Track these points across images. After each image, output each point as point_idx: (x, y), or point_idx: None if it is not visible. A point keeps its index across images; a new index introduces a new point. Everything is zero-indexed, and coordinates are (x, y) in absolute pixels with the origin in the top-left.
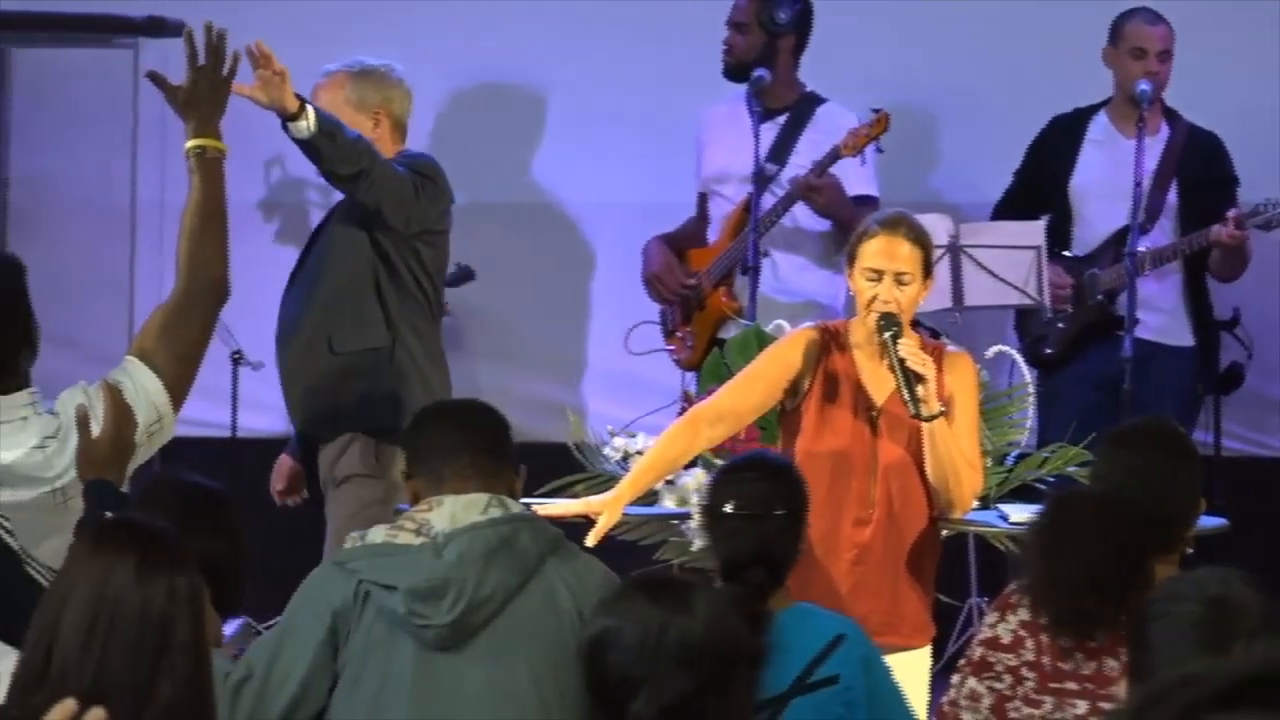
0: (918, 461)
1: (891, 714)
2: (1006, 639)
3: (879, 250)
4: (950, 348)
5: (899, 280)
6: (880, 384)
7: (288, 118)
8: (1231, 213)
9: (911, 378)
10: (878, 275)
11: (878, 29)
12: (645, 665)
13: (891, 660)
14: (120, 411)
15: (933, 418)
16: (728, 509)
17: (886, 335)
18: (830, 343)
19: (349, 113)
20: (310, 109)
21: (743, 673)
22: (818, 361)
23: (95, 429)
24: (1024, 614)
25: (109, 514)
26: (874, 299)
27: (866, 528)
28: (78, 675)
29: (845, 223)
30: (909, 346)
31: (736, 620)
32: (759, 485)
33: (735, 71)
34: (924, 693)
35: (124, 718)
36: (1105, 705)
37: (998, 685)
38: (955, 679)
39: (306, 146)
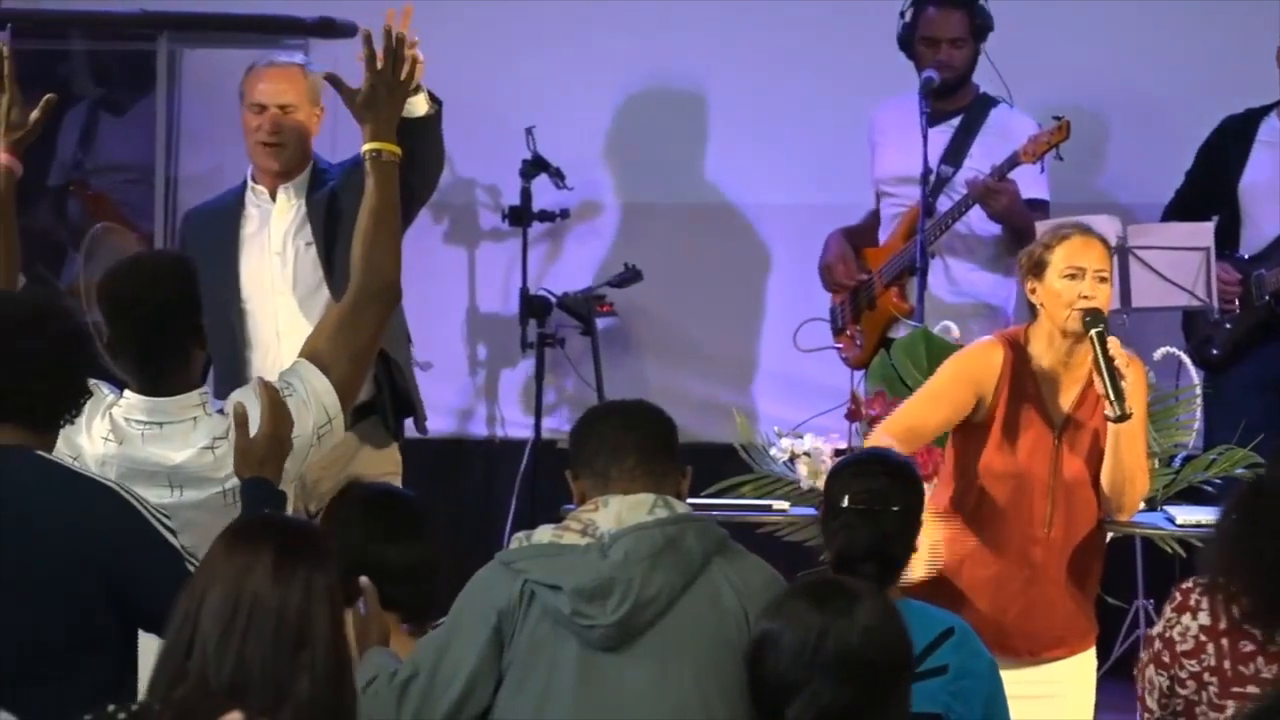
0: (1093, 473)
1: (998, 709)
2: (1187, 645)
3: (1078, 249)
4: (1128, 354)
5: (1099, 277)
6: (1065, 394)
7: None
8: None
9: (1116, 374)
10: (1078, 273)
11: (1048, 30)
12: (802, 671)
13: (1060, 666)
14: (277, 410)
15: (1128, 417)
16: (844, 503)
17: (1094, 331)
18: (1014, 356)
19: (307, 106)
20: (423, 85)
21: (901, 683)
22: (1001, 376)
23: (253, 428)
24: (1204, 618)
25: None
26: (1078, 297)
27: (1040, 546)
28: (217, 670)
29: (1019, 228)
30: (1115, 344)
31: (898, 630)
32: (878, 481)
33: (957, 86)
34: (1091, 693)
35: (264, 713)
36: None
37: (1181, 691)
38: (1146, 653)
39: (421, 125)
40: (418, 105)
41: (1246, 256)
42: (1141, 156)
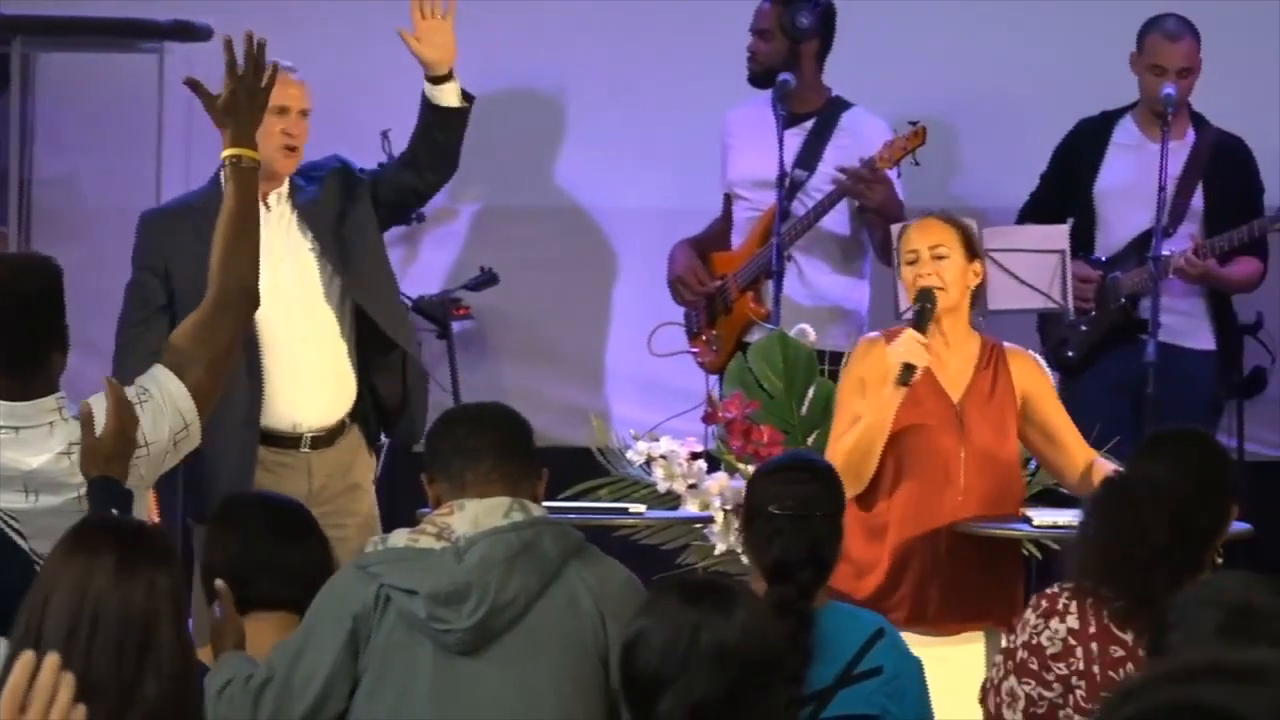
0: (1014, 447)
1: (928, 709)
2: (1055, 648)
3: (912, 234)
4: (1009, 345)
5: (936, 255)
6: (958, 369)
7: (441, 78)
8: (1187, 248)
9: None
10: (915, 256)
11: (901, 33)
12: (675, 665)
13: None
14: (122, 407)
15: (901, 384)
16: (773, 510)
17: (915, 308)
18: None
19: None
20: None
21: (774, 679)
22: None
23: (99, 427)
24: (1073, 621)
25: (114, 511)
26: (915, 279)
27: (953, 515)
28: None
29: (892, 218)
30: (918, 338)
31: (773, 626)
32: (806, 486)
33: (760, 78)
34: None
35: (110, 715)
36: None
37: (1046, 693)
38: (995, 672)
39: (448, 115)
40: (449, 95)
41: (1102, 259)
42: (996, 160)
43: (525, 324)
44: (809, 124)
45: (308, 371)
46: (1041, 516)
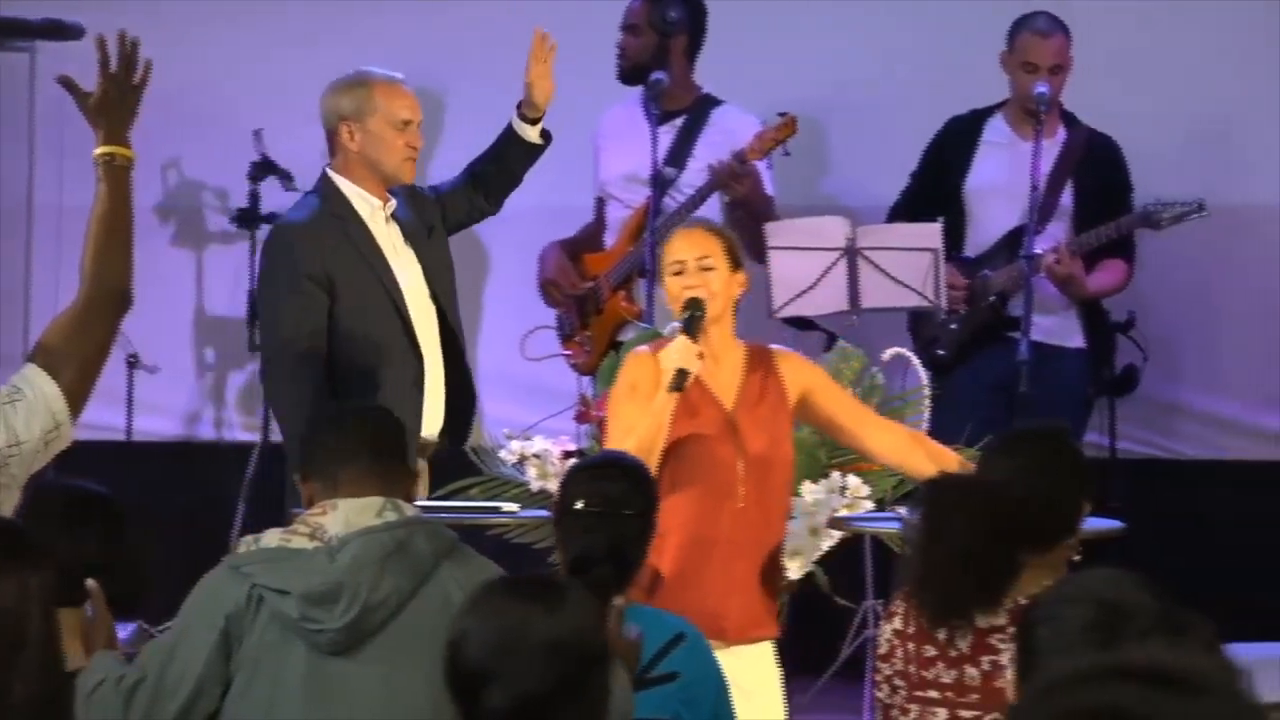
0: (778, 457)
1: (725, 716)
2: (884, 649)
3: (676, 245)
4: (775, 347)
5: (702, 266)
6: (729, 377)
7: (536, 118)
8: (1058, 245)
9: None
10: (681, 267)
11: (771, 31)
12: (502, 660)
13: (749, 651)
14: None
15: (674, 390)
16: (579, 506)
17: (681, 320)
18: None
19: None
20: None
21: (600, 674)
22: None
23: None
24: (897, 623)
25: None
26: (682, 290)
27: (735, 520)
28: None
29: (760, 214)
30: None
31: (596, 622)
32: (614, 485)
33: (629, 75)
34: (777, 685)
35: None
36: (964, 714)
37: (879, 694)
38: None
39: (525, 149)
40: (535, 133)
41: (973, 257)
42: (866, 158)
43: None
44: (679, 121)
45: (434, 382)
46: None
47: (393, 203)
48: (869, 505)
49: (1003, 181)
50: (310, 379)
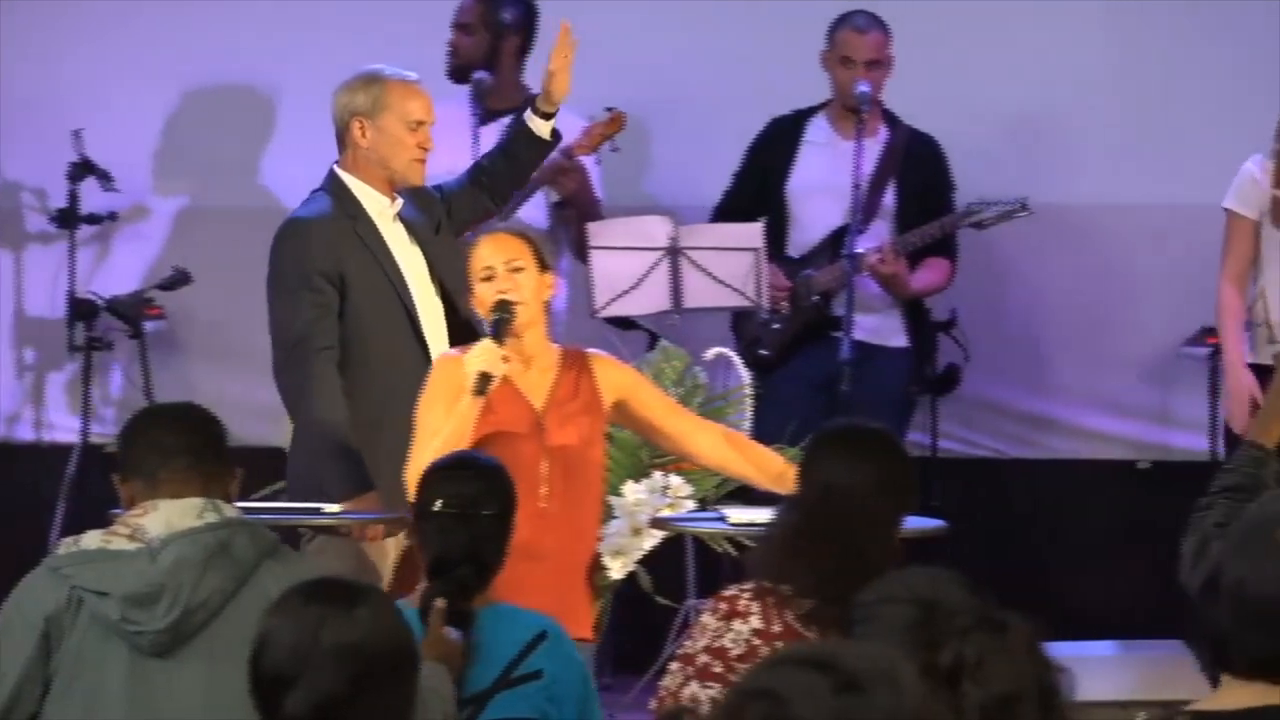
0: (587, 459)
1: (591, 712)
2: (739, 649)
3: (484, 251)
4: (591, 350)
5: (512, 268)
6: (538, 378)
7: (549, 112)
8: (881, 245)
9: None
10: (490, 272)
11: (598, 32)
12: (299, 663)
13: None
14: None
15: (477, 392)
16: (436, 507)
17: (493, 318)
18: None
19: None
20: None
21: (402, 676)
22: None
23: None
24: (756, 622)
25: None
26: (494, 295)
27: (538, 520)
28: None
29: (588, 213)
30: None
31: (397, 624)
32: (470, 485)
33: (460, 73)
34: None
35: None
36: None
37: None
38: (673, 680)
39: (536, 143)
40: (546, 129)
41: (796, 257)
42: (689, 158)
43: (220, 325)
44: (506, 120)
45: None
46: (737, 514)
47: (400, 202)
48: (691, 505)
49: (825, 181)
50: (327, 375)
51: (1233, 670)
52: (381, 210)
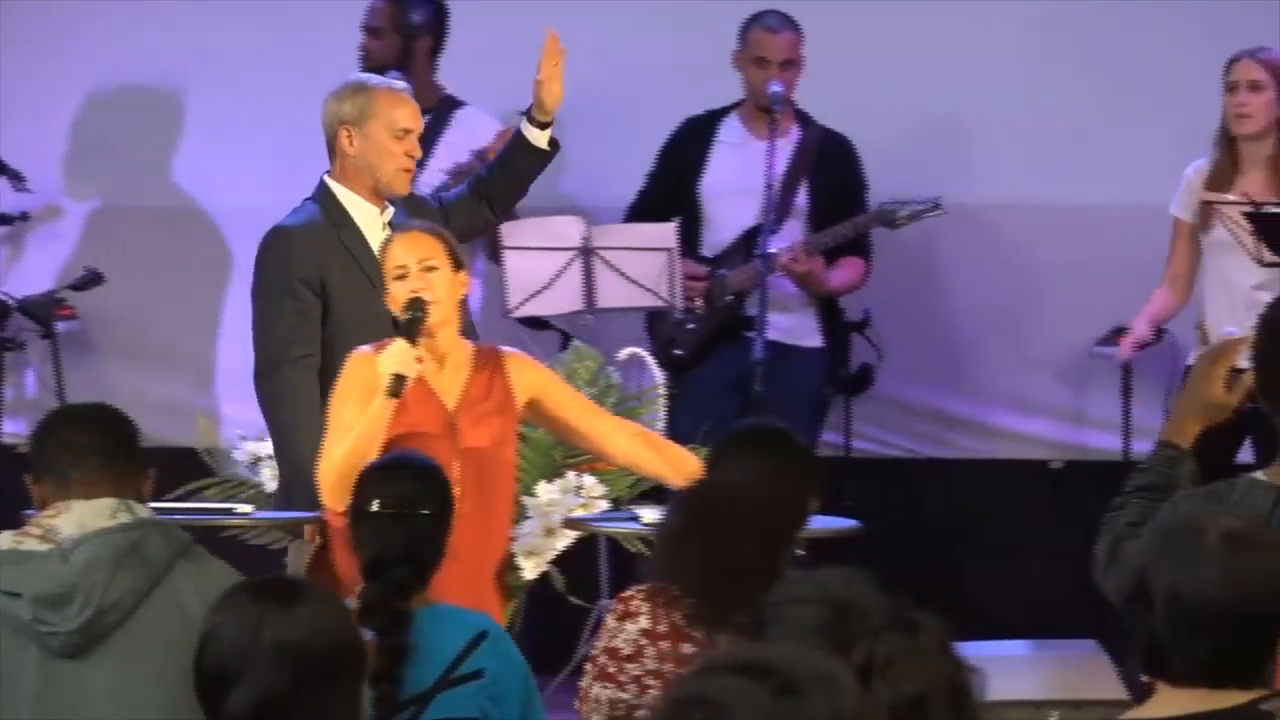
0: (499, 458)
1: (534, 710)
2: (628, 649)
3: (395, 252)
4: (505, 349)
5: (426, 267)
6: (452, 377)
7: (545, 122)
8: (794, 244)
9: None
10: (403, 271)
11: (510, 32)
12: (240, 660)
13: None
14: None
15: (393, 395)
16: (373, 507)
17: (405, 317)
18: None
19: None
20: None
21: (346, 674)
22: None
23: None
24: (644, 622)
25: None
26: (408, 294)
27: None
28: None
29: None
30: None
31: (341, 622)
32: (406, 485)
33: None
34: None
35: None
36: None
37: (623, 695)
38: (585, 679)
39: (532, 153)
40: (543, 139)
41: (710, 257)
42: (602, 158)
43: (133, 325)
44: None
45: None
46: (650, 514)
47: (390, 210)
48: (604, 505)
49: (738, 181)
50: (305, 383)
51: (1168, 677)
52: (370, 219)
